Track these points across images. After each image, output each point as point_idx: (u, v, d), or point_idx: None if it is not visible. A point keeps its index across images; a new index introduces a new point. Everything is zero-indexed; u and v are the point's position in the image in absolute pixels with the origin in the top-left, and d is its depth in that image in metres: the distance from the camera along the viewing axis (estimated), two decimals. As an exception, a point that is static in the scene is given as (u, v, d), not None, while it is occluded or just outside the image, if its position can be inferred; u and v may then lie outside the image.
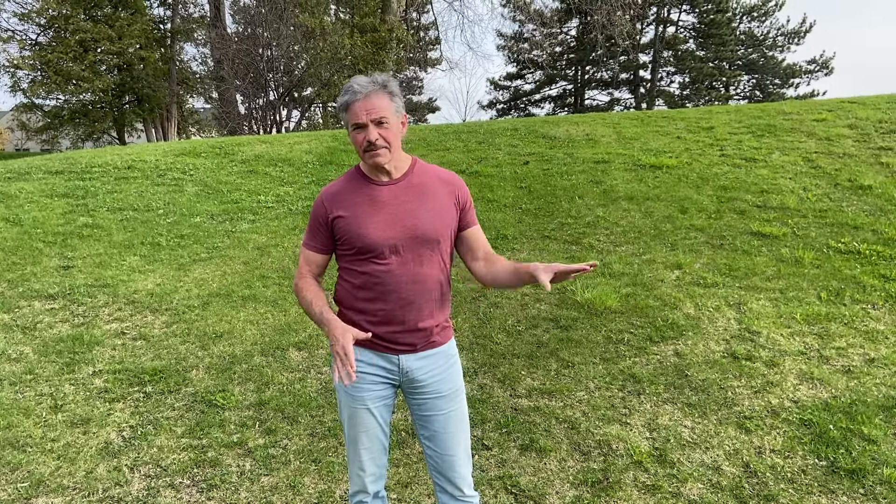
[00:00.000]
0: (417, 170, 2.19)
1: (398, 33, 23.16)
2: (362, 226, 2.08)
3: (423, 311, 2.15)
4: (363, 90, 2.03)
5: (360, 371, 2.17)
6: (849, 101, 10.96)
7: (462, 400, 2.30)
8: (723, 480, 3.21)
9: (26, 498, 3.07)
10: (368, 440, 2.23)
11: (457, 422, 2.26)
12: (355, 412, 2.21)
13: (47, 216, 7.15)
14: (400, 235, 2.08)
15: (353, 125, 2.06)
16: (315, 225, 2.19)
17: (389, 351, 2.17)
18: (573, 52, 38.38)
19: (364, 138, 2.04)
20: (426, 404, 2.24)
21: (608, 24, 25.20)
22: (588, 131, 10.35)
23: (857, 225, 6.26)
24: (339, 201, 2.14)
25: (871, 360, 4.22)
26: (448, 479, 2.27)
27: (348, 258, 2.16)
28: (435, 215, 2.13)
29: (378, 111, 2.03)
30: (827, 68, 36.03)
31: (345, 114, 2.08)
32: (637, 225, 6.61)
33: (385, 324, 2.13)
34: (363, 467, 2.26)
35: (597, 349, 4.49)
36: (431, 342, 2.20)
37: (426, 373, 2.20)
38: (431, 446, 2.26)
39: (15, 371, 4.21)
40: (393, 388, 2.25)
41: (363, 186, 2.14)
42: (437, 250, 2.15)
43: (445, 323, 2.26)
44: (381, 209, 2.10)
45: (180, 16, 26.80)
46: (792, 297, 5.07)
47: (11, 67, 23.09)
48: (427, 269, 2.12)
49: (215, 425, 3.69)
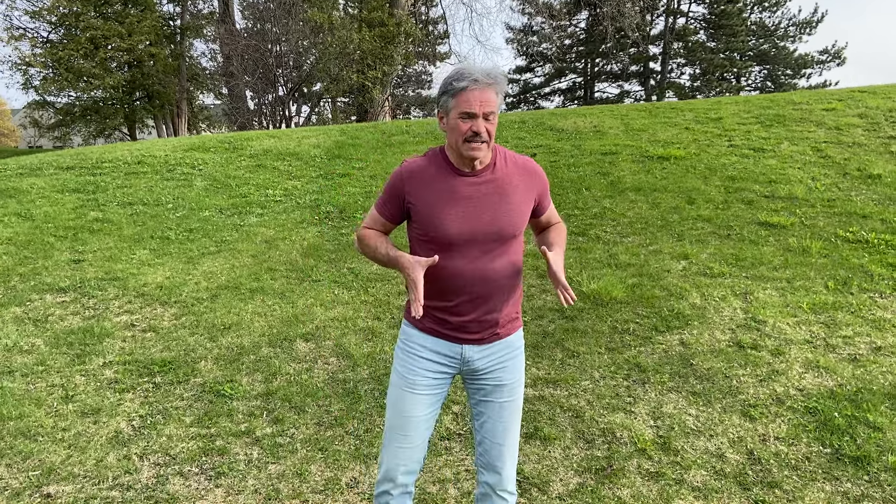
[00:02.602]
0: (500, 162, 2.14)
1: (406, 27, 23.14)
2: (438, 216, 2.05)
3: (491, 304, 2.12)
4: (484, 80, 1.97)
5: (420, 356, 2.17)
6: (859, 90, 10.87)
7: (520, 393, 2.27)
8: (726, 467, 3.22)
9: (37, 486, 3.13)
10: (412, 428, 2.19)
11: (511, 413, 2.24)
12: (403, 396, 2.18)
13: (58, 211, 7.23)
14: (476, 230, 2.06)
15: (463, 112, 1.98)
16: (390, 195, 2.14)
17: (455, 340, 2.15)
18: (583, 44, 38.21)
19: (470, 128, 1.98)
20: (484, 390, 2.22)
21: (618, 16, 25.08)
22: (596, 123, 10.33)
23: (866, 214, 6.23)
24: (419, 185, 2.09)
25: (878, 348, 4.21)
26: (493, 469, 2.24)
27: (421, 242, 2.13)
28: (513, 212, 2.11)
29: (491, 105, 1.99)
30: (839, 58, 35.68)
31: (452, 98, 2.01)
32: (644, 216, 6.60)
33: (453, 314, 2.11)
34: (398, 456, 2.21)
35: (602, 339, 4.50)
36: (497, 334, 2.18)
37: (488, 362, 2.19)
38: (482, 433, 2.24)
39: (27, 362, 4.28)
40: (448, 379, 2.23)
41: (446, 174, 2.09)
42: (510, 244, 2.12)
43: (514, 315, 2.23)
44: (460, 202, 2.07)
45: (189, 12, 26.88)
46: (799, 286, 5.06)
47: (23, 65, 23.31)
48: (499, 263, 2.10)
49: (223, 415, 3.73)
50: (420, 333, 2.18)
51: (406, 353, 2.20)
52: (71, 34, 23.65)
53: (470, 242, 2.06)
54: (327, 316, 4.95)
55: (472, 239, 2.06)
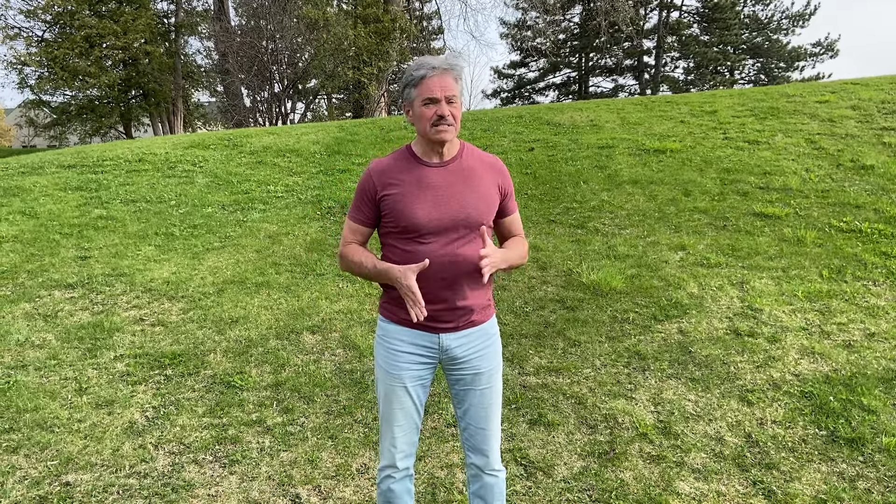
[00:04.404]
0: (466, 154, 2.25)
1: (401, 23, 23.18)
2: (409, 205, 2.13)
3: (464, 290, 2.20)
4: (440, 66, 2.09)
5: (400, 350, 2.25)
6: (852, 82, 10.99)
7: (498, 378, 2.37)
8: (725, 450, 3.32)
9: (56, 475, 3.21)
10: (403, 418, 2.30)
11: (491, 398, 2.34)
12: (392, 390, 2.28)
13: (62, 209, 7.29)
14: (446, 218, 2.14)
15: (426, 99, 2.09)
16: (361, 199, 2.22)
17: (430, 330, 2.23)
18: (577, 39, 38.24)
19: (435, 112, 2.09)
20: (464, 379, 2.31)
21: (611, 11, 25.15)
22: (592, 117, 10.42)
23: (859, 204, 6.34)
24: (389, 179, 2.17)
25: (872, 334, 4.32)
26: (480, 452, 2.36)
27: (393, 235, 2.21)
28: (480, 200, 2.19)
29: (451, 89, 2.10)
30: (832, 51, 35.80)
31: (414, 89, 2.13)
32: (641, 208, 6.70)
33: (427, 303, 2.16)
34: (395, 444, 2.33)
35: (602, 328, 4.60)
36: (472, 321, 2.26)
37: (466, 350, 2.27)
38: (466, 419, 2.35)
39: (39, 357, 4.36)
40: (432, 367, 2.31)
41: (413, 166, 2.19)
42: (479, 232, 2.19)
43: (487, 302, 2.31)
44: (429, 190, 2.15)
45: (184, 10, 26.85)
46: (794, 275, 5.16)
47: (18, 64, 23.25)
48: (469, 250, 2.17)
49: (234, 405, 3.82)
50: (397, 327, 2.26)
51: (386, 350, 2.29)
52: (66, 33, 23.59)
53: (440, 230, 2.14)
54: (333, 309, 5.04)
55: (442, 226, 2.14)
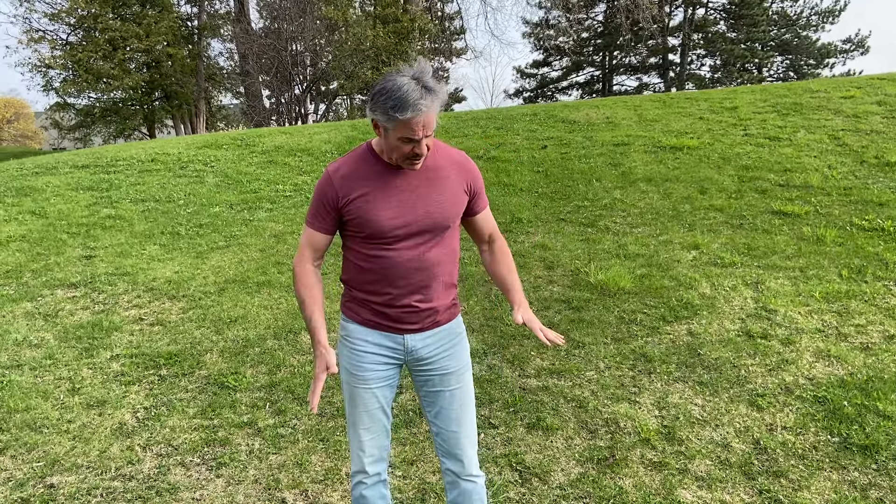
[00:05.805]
0: (432, 151, 2.10)
1: (420, 23, 23.13)
2: (374, 212, 2.03)
3: (430, 293, 2.13)
4: (427, 108, 1.89)
5: (364, 351, 2.17)
6: (878, 77, 10.67)
7: (468, 378, 2.27)
8: (731, 457, 3.16)
9: (41, 476, 3.16)
10: (369, 420, 2.22)
11: (462, 399, 2.25)
12: (356, 392, 2.20)
13: (72, 208, 7.31)
14: (411, 222, 2.05)
15: (405, 138, 1.93)
16: (321, 205, 2.09)
17: (395, 331, 2.16)
18: (600, 37, 37.90)
19: (412, 150, 1.96)
20: (432, 381, 2.22)
21: (633, 8, 24.84)
22: (608, 115, 10.24)
23: (883, 202, 6.10)
24: (351, 184, 2.05)
25: (891, 336, 4.12)
26: (454, 457, 2.26)
27: (357, 241, 2.11)
28: (446, 202, 2.10)
29: (431, 125, 1.94)
30: (863, 47, 35.06)
31: (392, 122, 1.91)
32: (655, 206, 6.52)
33: (392, 306, 2.11)
34: (363, 448, 2.25)
35: (608, 329, 4.45)
36: (437, 321, 2.18)
37: (432, 350, 2.19)
38: (437, 423, 2.25)
39: (35, 356, 4.33)
40: (397, 367, 2.24)
41: (376, 169, 2.06)
42: (446, 234, 2.13)
43: (452, 302, 2.23)
44: (393, 194, 2.05)
45: (206, 12, 27.08)
46: (812, 275, 4.96)
47: (44, 67, 23.59)
48: (435, 253, 2.10)
49: (227, 406, 3.74)
50: (360, 328, 2.17)
51: (350, 350, 2.20)
52: (90, 36, 23.90)
53: (407, 235, 2.05)
54: (332, 308, 4.93)
55: (408, 231, 2.05)
